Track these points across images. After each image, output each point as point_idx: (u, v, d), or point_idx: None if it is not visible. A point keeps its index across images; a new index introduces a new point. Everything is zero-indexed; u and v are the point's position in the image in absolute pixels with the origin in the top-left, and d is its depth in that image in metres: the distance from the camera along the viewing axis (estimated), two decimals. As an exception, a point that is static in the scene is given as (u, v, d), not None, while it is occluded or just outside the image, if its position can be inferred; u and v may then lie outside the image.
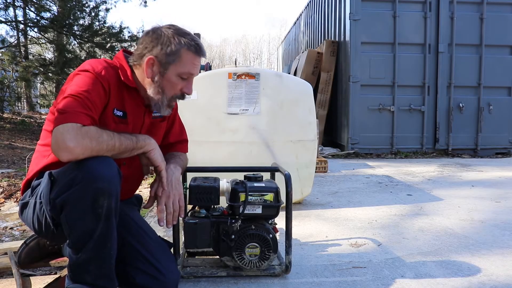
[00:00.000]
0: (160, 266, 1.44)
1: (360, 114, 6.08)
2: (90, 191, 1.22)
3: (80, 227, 1.24)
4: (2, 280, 1.60)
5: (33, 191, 1.38)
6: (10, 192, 3.18)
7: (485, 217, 2.70)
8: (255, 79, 2.71)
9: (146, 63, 1.40)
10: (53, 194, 1.26)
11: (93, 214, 1.23)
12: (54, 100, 1.41)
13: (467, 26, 6.10)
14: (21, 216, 1.44)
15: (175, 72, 1.41)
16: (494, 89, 6.24)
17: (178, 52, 1.39)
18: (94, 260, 1.27)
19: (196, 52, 1.42)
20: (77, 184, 1.22)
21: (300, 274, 1.77)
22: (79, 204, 1.23)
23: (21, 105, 12.34)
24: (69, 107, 1.25)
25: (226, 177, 1.84)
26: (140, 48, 1.43)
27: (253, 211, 1.64)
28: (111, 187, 1.24)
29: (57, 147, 1.19)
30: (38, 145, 1.49)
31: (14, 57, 8.41)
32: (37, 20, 9.13)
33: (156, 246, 1.50)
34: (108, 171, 1.24)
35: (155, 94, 1.42)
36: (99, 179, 1.22)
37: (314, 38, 8.59)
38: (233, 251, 1.63)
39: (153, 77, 1.41)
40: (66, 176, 1.25)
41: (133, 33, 9.99)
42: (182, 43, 1.39)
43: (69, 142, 1.18)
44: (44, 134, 1.47)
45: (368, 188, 3.71)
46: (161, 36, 1.39)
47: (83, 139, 1.20)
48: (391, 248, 2.11)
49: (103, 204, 1.23)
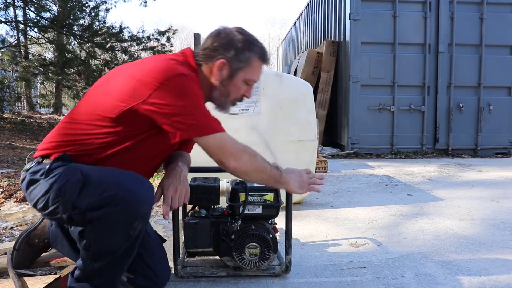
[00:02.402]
0: (156, 268, 1.47)
1: (360, 114, 6.08)
2: (129, 215, 1.20)
3: (106, 243, 1.23)
4: (2, 280, 1.60)
5: (50, 172, 1.27)
6: (10, 192, 3.18)
7: (485, 217, 2.70)
8: (255, 79, 2.70)
9: (217, 66, 1.41)
10: (83, 202, 1.21)
11: (125, 235, 1.23)
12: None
13: (467, 26, 6.10)
14: (25, 190, 1.35)
15: (242, 78, 1.44)
16: (494, 89, 6.24)
17: (249, 59, 1.42)
18: (108, 270, 1.28)
19: (264, 61, 1.47)
20: (116, 205, 1.19)
21: (300, 274, 1.77)
22: (113, 224, 1.21)
23: (21, 105, 12.33)
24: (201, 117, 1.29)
25: (226, 177, 1.84)
26: (210, 48, 1.42)
27: (253, 211, 1.64)
28: (149, 211, 1.26)
29: (225, 154, 1.31)
30: (71, 121, 1.37)
31: (14, 57, 8.41)
32: (37, 20, 9.13)
33: (155, 247, 1.52)
34: (149, 195, 1.24)
35: (221, 96, 1.45)
36: (140, 204, 1.21)
37: (314, 38, 8.58)
38: (233, 251, 1.63)
39: (222, 80, 1.43)
40: (103, 190, 1.21)
41: (133, 33, 10.00)
42: (254, 51, 1.43)
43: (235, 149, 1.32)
44: (86, 109, 1.35)
45: (368, 188, 3.71)
46: (234, 41, 1.40)
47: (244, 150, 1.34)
48: (391, 248, 2.11)
49: (137, 227, 1.23)
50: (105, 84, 1.40)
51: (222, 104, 1.47)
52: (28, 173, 1.33)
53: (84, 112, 1.36)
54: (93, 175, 1.24)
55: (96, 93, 1.39)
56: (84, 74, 9.37)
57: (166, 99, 1.26)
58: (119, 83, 1.34)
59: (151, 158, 1.45)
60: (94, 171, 1.26)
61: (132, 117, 1.29)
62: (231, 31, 1.43)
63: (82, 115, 1.36)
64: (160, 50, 10.12)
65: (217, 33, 1.43)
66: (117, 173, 1.27)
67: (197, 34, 6.66)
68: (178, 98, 1.26)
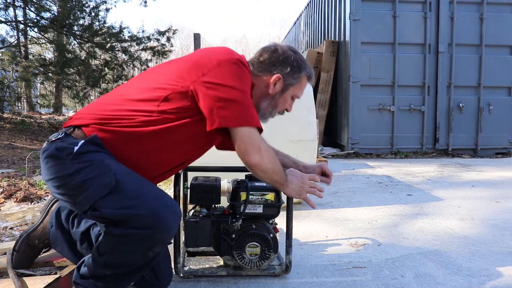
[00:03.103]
0: (160, 275, 1.47)
1: (360, 114, 6.08)
2: (152, 239, 1.19)
3: (122, 258, 1.22)
4: (2, 280, 1.60)
5: (78, 156, 1.21)
6: (10, 192, 3.18)
7: (485, 217, 2.70)
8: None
9: (273, 79, 1.48)
10: (104, 207, 1.17)
11: (143, 255, 1.22)
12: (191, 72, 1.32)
13: (467, 26, 6.10)
14: (43, 162, 1.26)
15: (291, 93, 1.53)
16: (494, 89, 6.24)
17: (300, 77, 1.52)
18: (116, 278, 1.27)
19: (311, 80, 1.58)
20: (141, 228, 1.16)
21: (300, 274, 1.77)
22: (133, 244, 1.19)
23: (21, 105, 12.34)
24: (246, 107, 1.31)
25: (227, 177, 1.84)
26: (267, 62, 1.48)
27: (254, 210, 1.64)
28: (171, 238, 1.25)
29: (251, 148, 1.31)
30: (115, 96, 1.36)
31: (14, 57, 8.40)
32: (37, 20, 9.13)
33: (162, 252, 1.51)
34: (175, 223, 1.23)
35: (268, 107, 1.52)
36: (165, 231, 1.20)
37: (314, 38, 8.58)
38: (233, 250, 1.63)
39: (274, 93, 1.50)
40: (130, 205, 1.17)
41: (133, 33, 10.01)
42: (306, 70, 1.53)
43: (263, 146, 1.33)
44: (145, 94, 1.32)
45: (368, 188, 3.71)
46: (290, 59, 1.49)
47: (268, 150, 1.36)
48: (391, 248, 2.11)
49: (156, 250, 1.23)
50: (160, 68, 1.44)
51: (266, 114, 1.53)
52: (53, 147, 1.24)
53: (134, 87, 1.38)
54: (124, 183, 1.20)
55: (151, 74, 1.42)
56: (84, 74, 9.37)
57: (218, 78, 1.28)
58: (176, 65, 1.38)
59: (184, 150, 1.42)
60: (127, 177, 1.22)
61: (178, 99, 1.30)
62: (287, 49, 1.51)
63: (131, 90, 1.37)
64: (160, 50, 10.13)
65: (275, 49, 1.50)
66: (147, 188, 1.23)
67: (197, 34, 6.67)
68: (230, 79, 1.29)
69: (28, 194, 3.08)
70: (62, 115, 12.44)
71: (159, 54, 10.16)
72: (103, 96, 1.45)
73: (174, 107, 1.30)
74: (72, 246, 1.56)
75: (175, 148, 1.38)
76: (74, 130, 1.30)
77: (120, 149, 1.29)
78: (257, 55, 1.51)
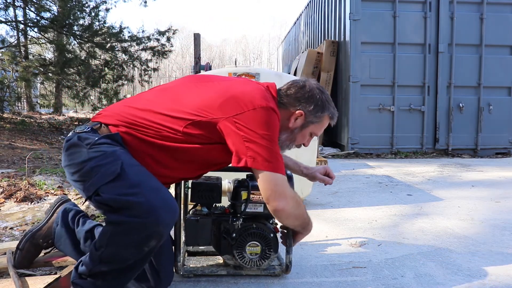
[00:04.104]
0: (162, 274, 1.47)
1: (360, 114, 6.08)
2: (146, 230, 1.21)
3: (118, 251, 1.24)
4: (2, 280, 1.60)
5: (95, 146, 1.30)
6: (10, 192, 3.18)
7: (485, 217, 2.70)
8: (255, 79, 2.71)
9: (295, 114, 1.53)
10: (107, 193, 1.23)
11: (137, 249, 1.23)
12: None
13: (467, 26, 6.10)
14: (65, 149, 1.36)
15: (311, 130, 1.58)
16: (494, 89, 6.25)
17: (322, 117, 1.56)
18: (114, 275, 1.28)
19: (333, 120, 1.60)
20: (136, 217, 1.20)
21: (300, 274, 1.77)
22: (128, 235, 1.21)
23: (21, 105, 12.33)
24: (273, 153, 1.36)
25: (228, 177, 1.84)
26: (293, 97, 1.54)
27: (255, 209, 1.64)
28: (168, 232, 1.28)
29: (277, 194, 1.37)
30: (145, 105, 1.42)
31: (14, 57, 8.39)
32: (37, 20, 9.13)
33: (164, 250, 1.51)
34: (170, 218, 1.25)
35: (286, 140, 1.56)
36: (159, 224, 1.22)
37: (314, 38, 8.59)
38: (234, 249, 1.63)
39: (294, 128, 1.55)
40: (131, 192, 1.22)
41: (133, 33, 10.00)
42: (329, 111, 1.56)
43: (288, 193, 1.39)
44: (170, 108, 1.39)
45: (368, 188, 3.71)
46: (315, 97, 1.53)
47: (294, 197, 1.43)
48: (391, 248, 2.11)
49: (151, 244, 1.24)
50: (194, 84, 1.49)
51: (283, 146, 1.57)
52: (76, 136, 1.35)
53: (163, 101, 1.43)
54: (128, 173, 1.25)
55: (180, 89, 1.47)
56: (84, 74, 9.36)
57: (250, 124, 1.34)
58: (211, 90, 1.42)
59: (195, 167, 1.50)
60: (133, 168, 1.28)
61: (205, 127, 1.36)
62: (314, 87, 1.56)
63: (160, 103, 1.42)
64: (160, 50, 10.13)
65: (303, 86, 1.55)
66: (150, 180, 1.28)
67: (197, 34, 6.67)
68: (262, 127, 1.35)
69: (28, 194, 3.08)
70: (62, 115, 12.43)
71: (159, 54, 10.16)
72: (131, 98, 1.51)
73: (199, 133, 1.37)
74: (75, 245, 1.58)
75: (188, 165, 1.46)
76: (100, 127, 1.39)
77: (137, 150, 1.37)
78: (285, 87, 1.58)
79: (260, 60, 41.71)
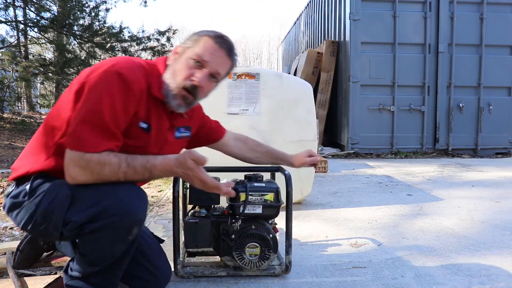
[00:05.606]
0: (154, 269, 1.48)
1: (360, 114, 6.08)
2: (128, 223, 1.21)
3: (105, 251, 1.24)
4: (2, 280, 1.60)
5: (34, 192, 1.24)
6: (10, 192, 3.18)
7: (485, 217, 2.70)
8: (255, 79, 2.71)
9: (172, 52, 1.39)
10: (75, 216, 1.18)
11: (123, 242, 1.24)
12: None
13: (467, 26, 6.10)
14: (10, 216, 1.30)
15: (189, 54, 1.34)
16: (494, 89, 6.25)
17: (199, 38, 1.36)
18: (106, 270, 1.28)
19: (217, 43, 1.35)
20: (112, 215, 1.18)
21: (300, 274, 1.77)
22: (112, 234, 1.20)
23: (21, 105, 12.34)
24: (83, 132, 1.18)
25: (226, 177, 1.84)
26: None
27: (254, 211, 1.64)
28: (145, 216, 1.27)
29: (66, 170, 1.20)
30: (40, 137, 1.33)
31: (14, 57, 8.40)
32: (37, 20, 9.13)
33: (151, 247, 1.52)
34: (143, 203, 1.25)
35: (168, 79, 1.33)
36: (136, 212, 1.22)
37: (314, 38, 8.59)
38: (233, 250, 1.63)
39: (171, 62, 1.38)
40: (95, 201, 1.19)
41: (133, 33, 10.00)
42: (207, 32, 1.38)
43: (72, 171, 1.19)
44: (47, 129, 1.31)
45: (368, 188, 3.71)
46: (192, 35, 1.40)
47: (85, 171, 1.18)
48: (391, 248, 2.11)
49: (134, 232, 1.24)
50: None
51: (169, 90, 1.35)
52: (9, 199, 1.28)
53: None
54: (81, 190, 1.21)
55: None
56: (84, 74, 9.35)
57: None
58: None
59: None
60: (81, 186, 1.22)
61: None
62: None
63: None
64: (160, 50, 10.13)
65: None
66: (102, 185, 1.22)
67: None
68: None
69: (28, 194, 3.07)
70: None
71: (159, 54, 10.16)
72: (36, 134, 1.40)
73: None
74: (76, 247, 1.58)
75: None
76: (23, 179, 1.29)
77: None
78: None
79: (260, 60, 41.69)
